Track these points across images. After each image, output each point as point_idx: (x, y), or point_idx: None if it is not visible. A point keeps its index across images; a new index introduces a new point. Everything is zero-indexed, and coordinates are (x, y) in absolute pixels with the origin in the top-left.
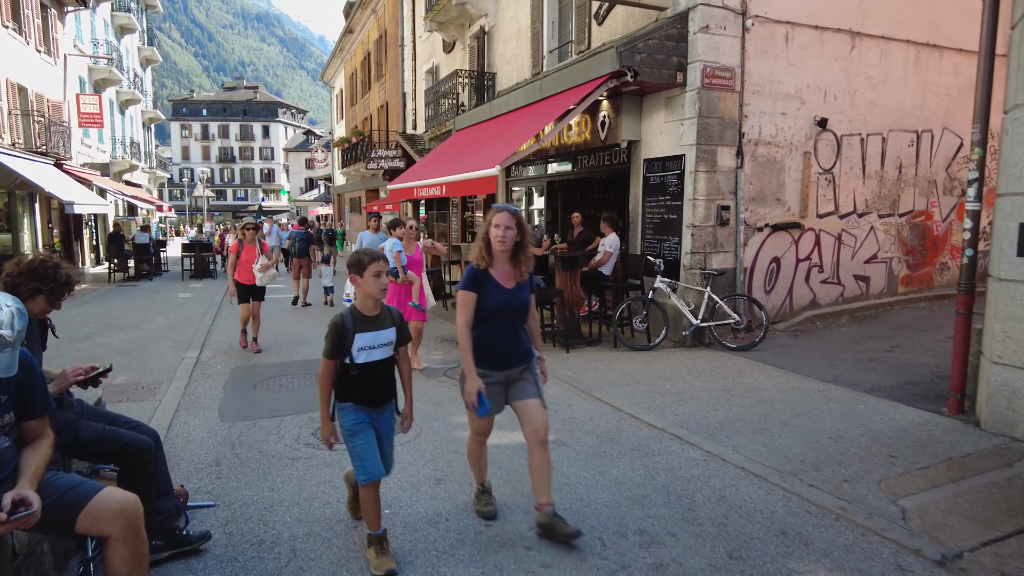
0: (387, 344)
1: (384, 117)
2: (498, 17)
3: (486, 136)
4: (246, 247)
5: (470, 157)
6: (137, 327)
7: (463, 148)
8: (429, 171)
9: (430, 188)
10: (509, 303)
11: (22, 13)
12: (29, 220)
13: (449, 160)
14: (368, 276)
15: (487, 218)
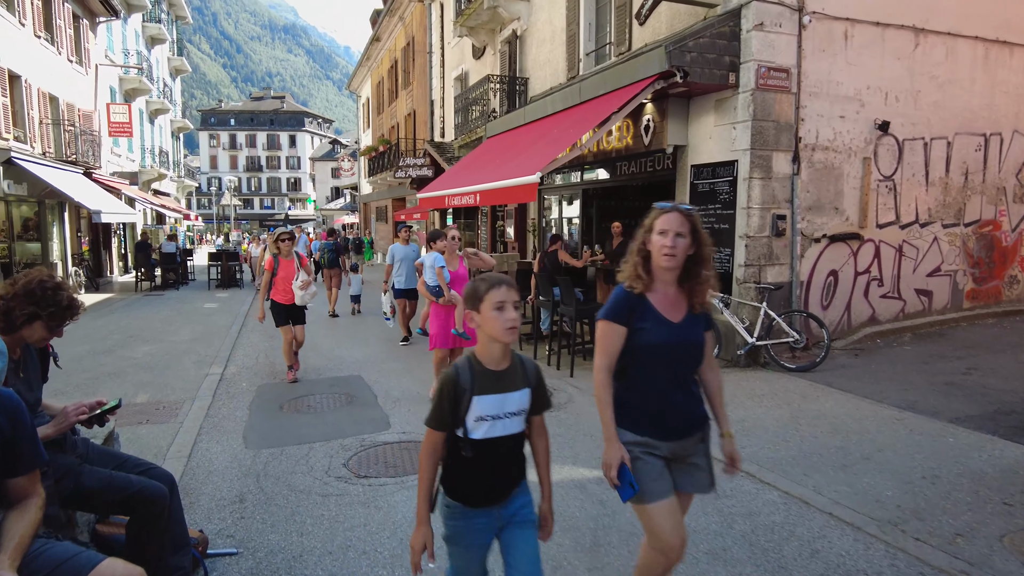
0: (517, 413)
1: (411, 125)
2: (531, 20)
3: (521, 143)
4: (282, 262)
5: (506, 164)
6: (161, 339)
7: (496, 155)
8: (460, 179)
9: (462, 197)
10: (676, 342)
11: (55, 23)
12: (58, 229)
13: (481, 168)
14: (487, 311)
15: (646, 221)
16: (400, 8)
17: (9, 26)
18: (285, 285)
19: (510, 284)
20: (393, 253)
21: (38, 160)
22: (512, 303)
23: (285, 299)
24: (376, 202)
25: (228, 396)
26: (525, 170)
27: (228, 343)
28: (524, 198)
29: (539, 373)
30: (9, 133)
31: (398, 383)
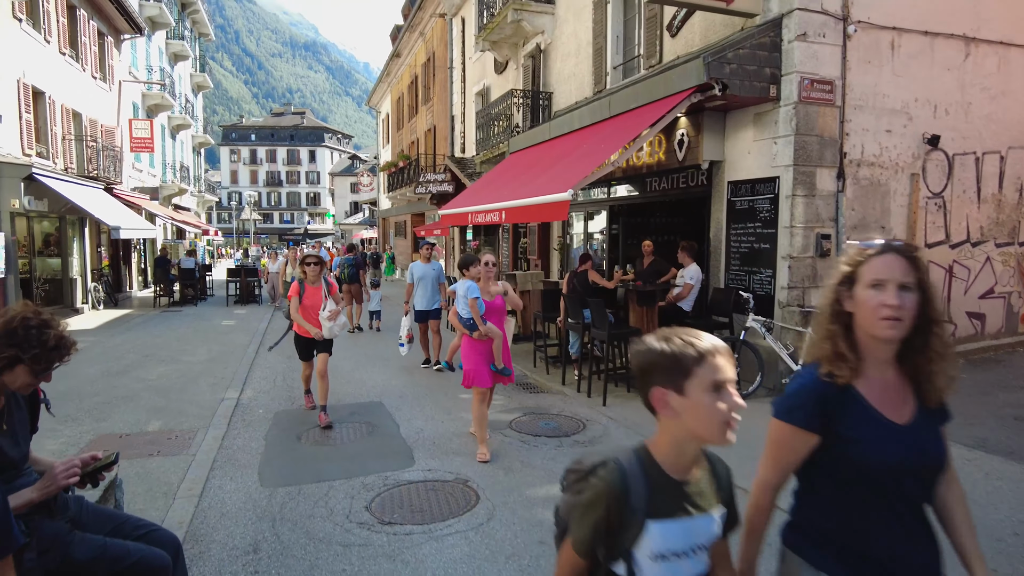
0: (703, 546)
1: (431, 141)
2: (555, 34)
3: (547, 158)
4: (308, 289)
5: (533, 181)
6: (177, 359)
7: (521, 171)
8: (483, 195)
9: (487, 214)
10: (909, 457)
11: (79, 41)
12: (79, 244)
13: (506, 184)
14: (697, 392)
15: (843, 268)
16: (421, 24)
17: (34, 43)
18: (310, 315)
19: (728, 351)
20: (413, 272)
21: (59, 176)
22: (733, 380)
23: (305, 331)
24: (395, 217)
25: (244, 424)
26: (555, 187)
27: (245, 364)
28: (554, 216)
29: (729, 477)
30: (32, 149)
31: (421, 411)
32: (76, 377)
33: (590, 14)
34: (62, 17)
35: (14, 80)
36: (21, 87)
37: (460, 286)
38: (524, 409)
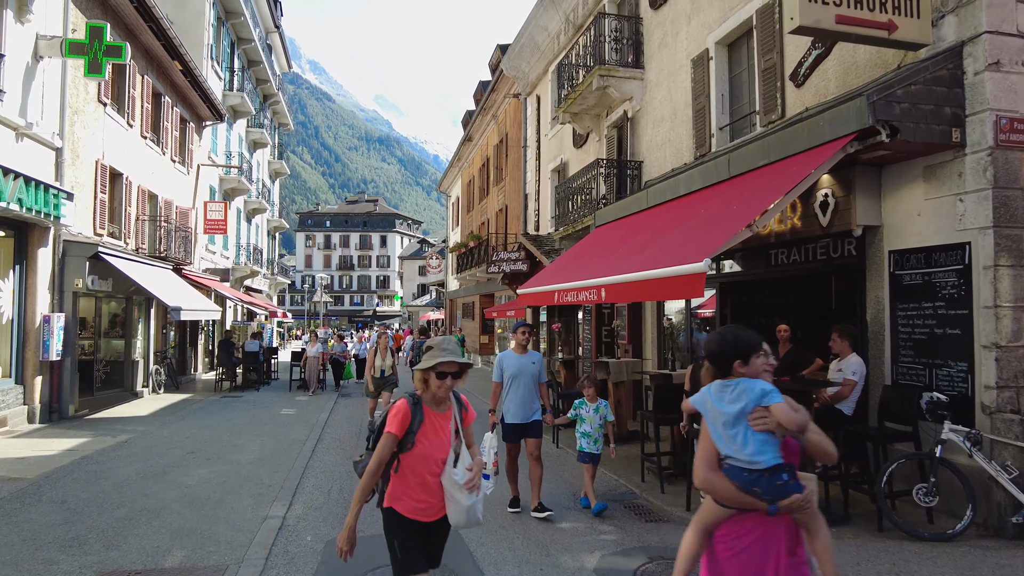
0: None
1: (503, 220)
2: (645, 99)
3: (647, 229)
4: (429, 419)
5: (637, 254)
6: (224, 458)
7: (615, 244)
8: (570, 272)
9: (579, 292)
10: None
11: (162, 126)
12: (143, 325)
13: (598, 259)
14: None
15: None
16: (493, 106)
17: (117, 127)
18: (425, 473)
19: None
20: (502, 365)
21: (125, 255)
22: None
23: (420, 508)
24: (463, 298)
25: (286, 560)
26: (682, 256)
27: (298, 467)
28: (683, 293)
29: None
30: (104, 229)
31: (510, 548)
32: (108, 479)
33: (688, 74)
34: (147, 103)
35: (92, 161)
36: (99, 168)
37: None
38: (647, 548)
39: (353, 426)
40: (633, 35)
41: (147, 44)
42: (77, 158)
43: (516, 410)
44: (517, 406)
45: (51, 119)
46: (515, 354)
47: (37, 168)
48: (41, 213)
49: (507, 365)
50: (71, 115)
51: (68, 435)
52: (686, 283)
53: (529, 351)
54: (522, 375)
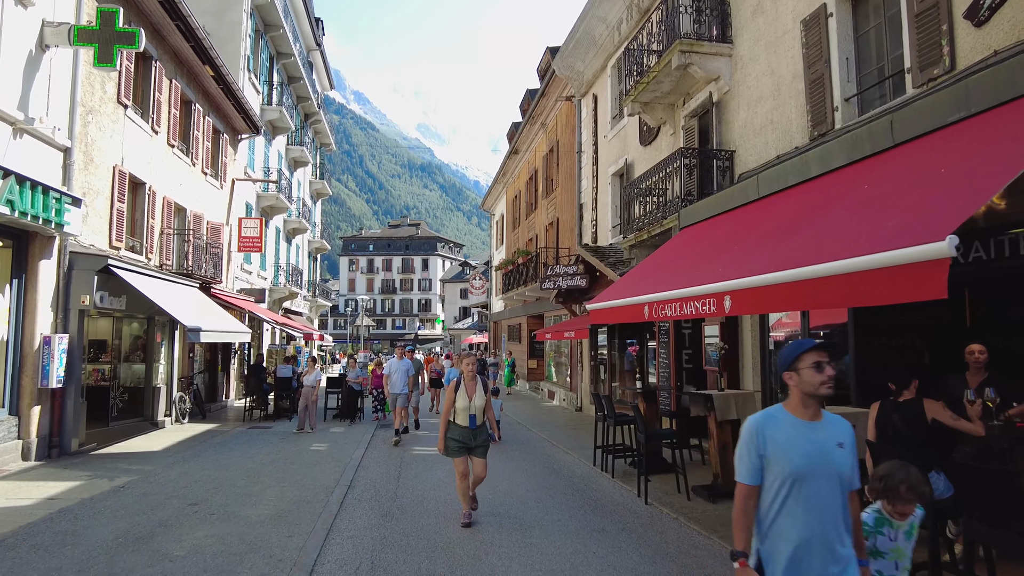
0: None
1: (554, 234)
2: (735, 79)
3: (766, 224)
4: None
5: (771, 250)
6: (231, 513)
7: (718, 246)
8: (658, 282)
9: (689, 303)
10: None
11: (192, 135)
12: (167, 349)
13: (698, 263)
14: None
15: None
16: (542, 114)
17: (140, 132)
18: None
19: None
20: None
21: (141, 270)
22: None
23: None
24: (509, 320)
25: None
26: (894, 236)
27: (321, 528)
28: (903, 293)
29: None
30: (121, 241)
31: None
32: (76, 544)
33: (796, 40)
34: (175, 109)
35: (109, 166)
36: (117, 175)
37: None
38: None
39: (391, 466)
40: (718, 5)
41: (175, 46)
42: (91, 162)
43: None
44: None
45: (58, 116)
46: None
47: (40, 170)
48: (40, 220)
49: None
50: (84, 114)
51: (60, 477)
52: (909, 276)
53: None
54: None
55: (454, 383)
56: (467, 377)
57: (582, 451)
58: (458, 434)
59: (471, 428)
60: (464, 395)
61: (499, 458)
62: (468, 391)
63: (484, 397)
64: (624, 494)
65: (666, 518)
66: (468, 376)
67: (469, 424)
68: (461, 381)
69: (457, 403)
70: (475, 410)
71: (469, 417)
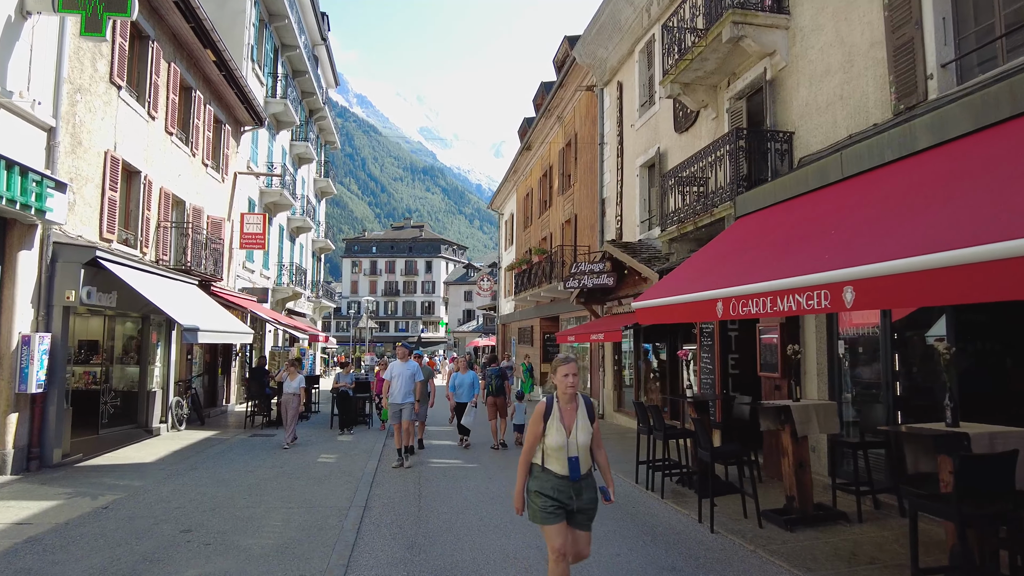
0: None
1: (571, 232)
2: (794, 53)
3: (859, 208)
4: None
5: (905, 228)
6: (229, 543)
7: (799, 234)
8: (722, 276)
9: (788, 296)
10: None
11: (192, 123)
12: (163, 350)
13: (780, 253)
14: None
15: None
16: (559, 106)
17: (135, 116)
18: None
19: None
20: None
21: (134, 264)
22: None
23: None
24: (519, 322)
25: None
26: None
27: (338, 561)
28: None
29: None
30: (113, 233)
31: None
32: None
33: (875, 4)
34: (173, 94)
35: (100, 151)
36: (109, 161)
37: None
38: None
39: (408, 482)
40: None
41: (174, 26)
42: (79, 145)
43: None
44: None
45: (41, 92)
46: None
47: (19, 150)
48: (18, 204)
49: None
50: (71, 92)
51: (36, 495)
52: None
53: None
54: None
55: (541, 409)
56: (563, 398)
57: (616, 465)
58: (551, 487)
59: (572, 479)
60: (559, 426)
61: None
62: (565, 420)
63: (591, 429)
64: (682, 520)
65: (742, 550)
66: (564, 396)
67: (569, 473)
68: (553, 405)
69: (548, 439)
70: (578, 450)
71: (568, 461)
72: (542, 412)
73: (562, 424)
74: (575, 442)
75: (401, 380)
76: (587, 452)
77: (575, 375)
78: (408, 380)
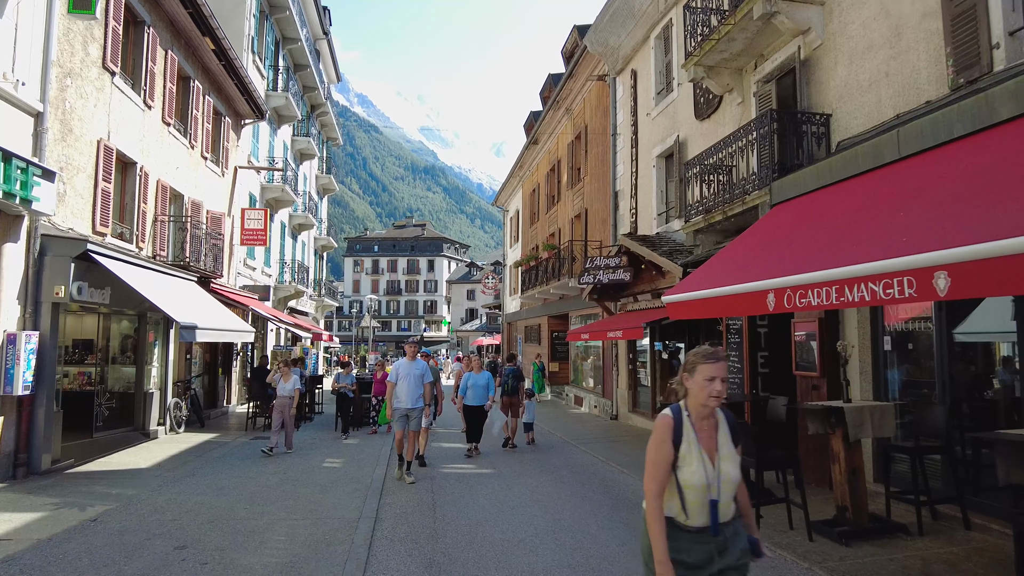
0: None
1: (581, 228)
2: (831, 30)
3: (940, 187)
4: None
5: (981, 210)
6: (228, 564)
7: (854, 218)
8: (789, 261)
9: (860, 285)
10: None
11: (190, 114)
12: (161, 350)
13: (835, 240)
14: None
15: None
16: (567, 98)
17: (129, 104)
18: None
19: None
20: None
21: (129, 259)
22: None
23: None
24: (526, 321)
25: None
26: None
27: None
28: None
29: None
30: (107, 227)
31: None
32: None
33: None
34: (171, 84)
35: (93, 140)
36: (102, 150)
37: None
38: None
39: (421, 490)
40: None
41: (171, 12)
42: (70, 132)
43: None
44: None
45: (27, 75)
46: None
47: (3, 135)
48: (1, 193)
49: None
50: (61, 76)
51: (20, 506)
52: None
53: None
54: None
55: (665, 428)
56: (700, 411)
57: (640, 469)
58: (688, 549)
59: (714, 533)
60: (699, 454)
61: (546, 479)
62: (704, 444)
63: (737, 457)
64: None
65: (795, 568)
66: (704, 409)
67: (709, 524)
68: (683, 423)
69: (684, 473)
70: (723, 491)
71: (708, 506)
72: (668, 432)
73: (702, 450)
74: (723, 474)
75: (409, 382)
76: (733, 490)
77: (724, 380)
78: (417, 382)
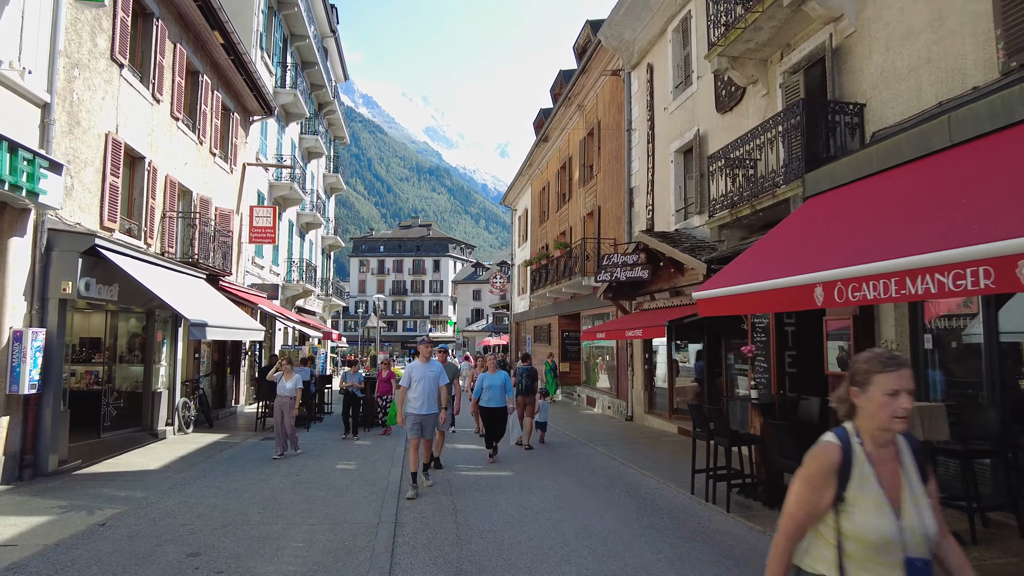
0: None
1: (593, 226)
2: (865, 16)
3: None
4: None
5: None
6: (245, 572)
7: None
8: (835, 253)
9: (927, 276)
10: None
11: (199, 109)
12: (170, 348)
13: (886, 230)
14: None
15: None
16: (580, 94)
17: (138, 98)
18: None
19: None
20: None
21: (138, 255)
22: None
23: None
24: (535, 320)
25: None
26: None
27: None
28: None
29: None
30: (115, 222)
31: None
32: None
33: None
34: (179, 78)
35: (101, 133)
36: (110, 143)
37: None
38: None
39: (440, 493)
40: None
41: (180, 5)
42: (77, 125)
43: None
44: None
45: (34, 64)
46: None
47: (9, 126)
48: (7, 184)
49: None
50: (68, 67)
51: (26, 509)
52: None
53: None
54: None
55: (828, 461)
56: (878, 438)
57: (662, 472)
58: None
59: None
60: (877, 497)
61: (567, 482)
62: (888, 490)
63: (928, 500)
64: (757, 537)
65: None
66: (883, 436)
67: None
68: (853, 454)
69: (850, 522)
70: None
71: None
72: (834, 468)
73: (881, 491)
74: (917, 528)
75: (424, 385)
76: (927, 549)
77: (912, 394)
78: (432, 385)
